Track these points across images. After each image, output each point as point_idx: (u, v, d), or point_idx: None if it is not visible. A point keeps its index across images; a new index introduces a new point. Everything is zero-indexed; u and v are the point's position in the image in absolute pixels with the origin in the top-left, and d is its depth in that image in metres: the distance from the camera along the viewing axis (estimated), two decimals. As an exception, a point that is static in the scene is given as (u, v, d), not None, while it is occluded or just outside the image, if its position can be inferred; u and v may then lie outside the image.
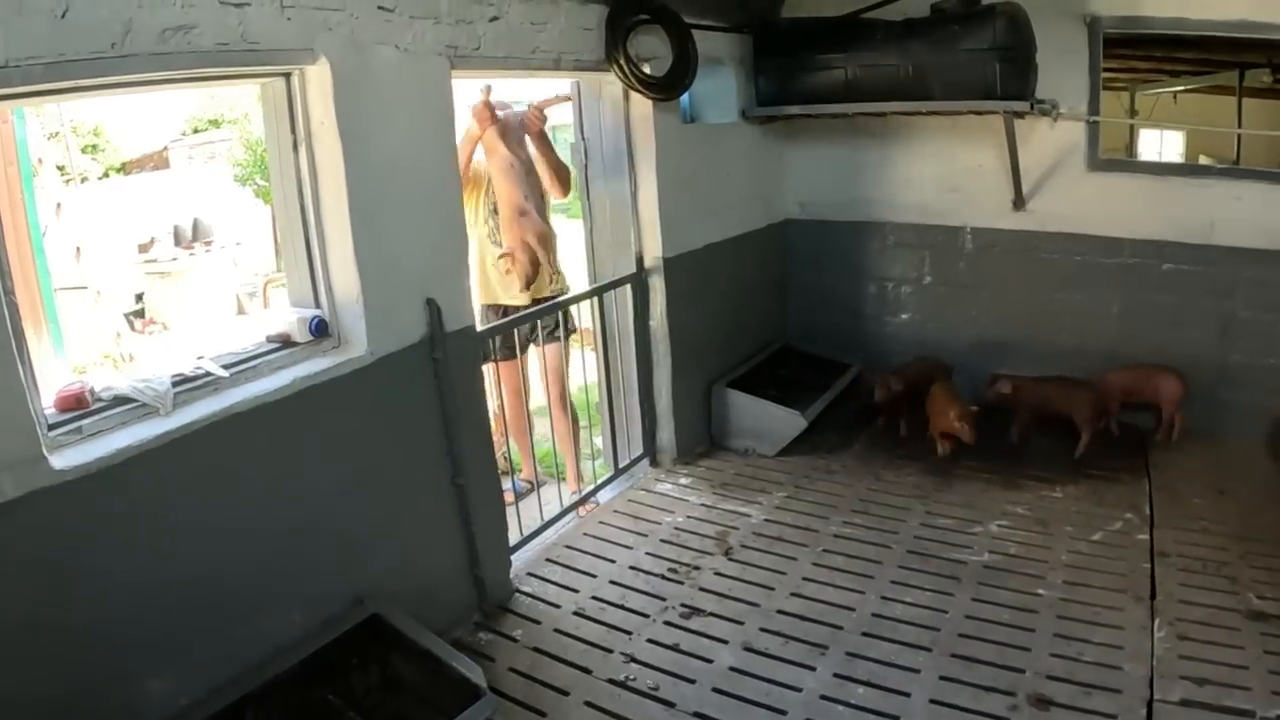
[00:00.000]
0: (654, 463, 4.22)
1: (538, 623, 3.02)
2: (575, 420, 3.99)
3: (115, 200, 12.20)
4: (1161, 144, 9.87)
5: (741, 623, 2.98)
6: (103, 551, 2.01)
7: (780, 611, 3.04)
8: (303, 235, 2.59)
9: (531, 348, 3.92)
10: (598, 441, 4.40)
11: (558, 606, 3.11)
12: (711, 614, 3.03)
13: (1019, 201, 4.53)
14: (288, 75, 2.45)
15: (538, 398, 4.15)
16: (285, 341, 2.56)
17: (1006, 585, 3.15)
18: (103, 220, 10.95)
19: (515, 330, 3.51)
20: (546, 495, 4.03)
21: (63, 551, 1.95)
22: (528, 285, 3.77)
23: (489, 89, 3.63)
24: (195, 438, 2.16)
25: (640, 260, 3.98)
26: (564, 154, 4.05)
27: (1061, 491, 3.86)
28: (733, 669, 2.76)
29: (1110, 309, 4.51)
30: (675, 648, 2.86)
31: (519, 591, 3.20)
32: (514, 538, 3.36)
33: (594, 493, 3.89)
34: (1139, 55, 5.92)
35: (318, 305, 2.62)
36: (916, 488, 3.97)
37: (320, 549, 2.49)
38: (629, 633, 2.95)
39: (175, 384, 2.25)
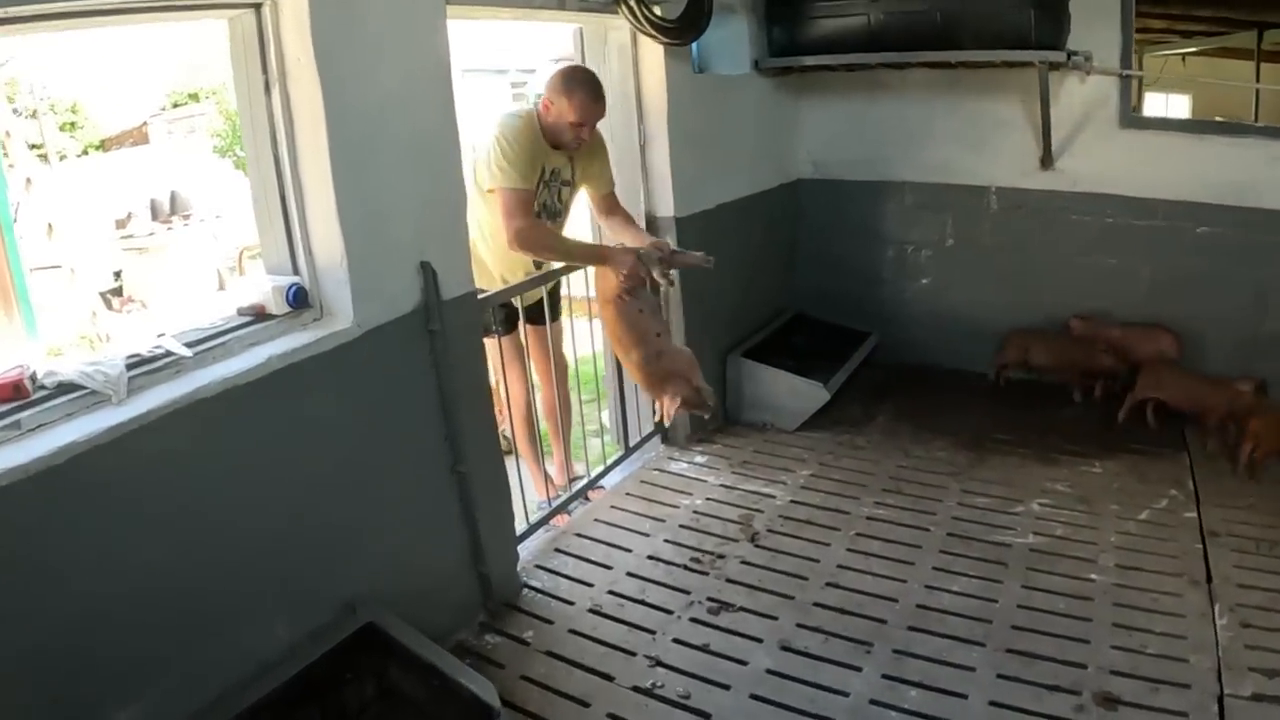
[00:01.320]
0: (666, 440, 3.92)
1: (550, 622, 2.74)
2: (567, 405, 3.66)
3: (93, 177, 11.96)
4: (1167, 106, 9.55)
5: (775, 618, 2.70)
6: (49, 566, 1.70)
7: (817, 604, 2.77)
8: (277, 191, 2.26)
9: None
10: (604, 418, 4.10)
11: (571, 603, 2.83)
12: (742, 609, 2.76)
13: (1047, 160, 4.25)
14: (258, 5, 2.11)
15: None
16: (259, 314, 2.24)
17: (1057, 570, 2.90)
18: (78, 197, 10.66)
19: (520, 300, 3.17)
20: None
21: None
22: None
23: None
24: (153, 429, 1.83)
25: (650, 221, 3.66)
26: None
27: (1100, 466, 3.63)
28: (770, 671, 2.48)
29: (1140, 273, 4.26)
30: (705, 648, 2.59)
31: (527, 586, 2.91)
32: (518, 525, 3.08)
33: (604, 474, 3.59)
34: (1156, 13, 5.60)
35: (296, 272, 2.30)
36: (949, 464, 3.71)
37: (305, 551, 2.18)
38: (652, 632, 2.67)
39: (131, 366, 1.93)
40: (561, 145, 3.04)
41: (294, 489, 2.14)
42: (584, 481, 3.53)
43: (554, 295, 3.48)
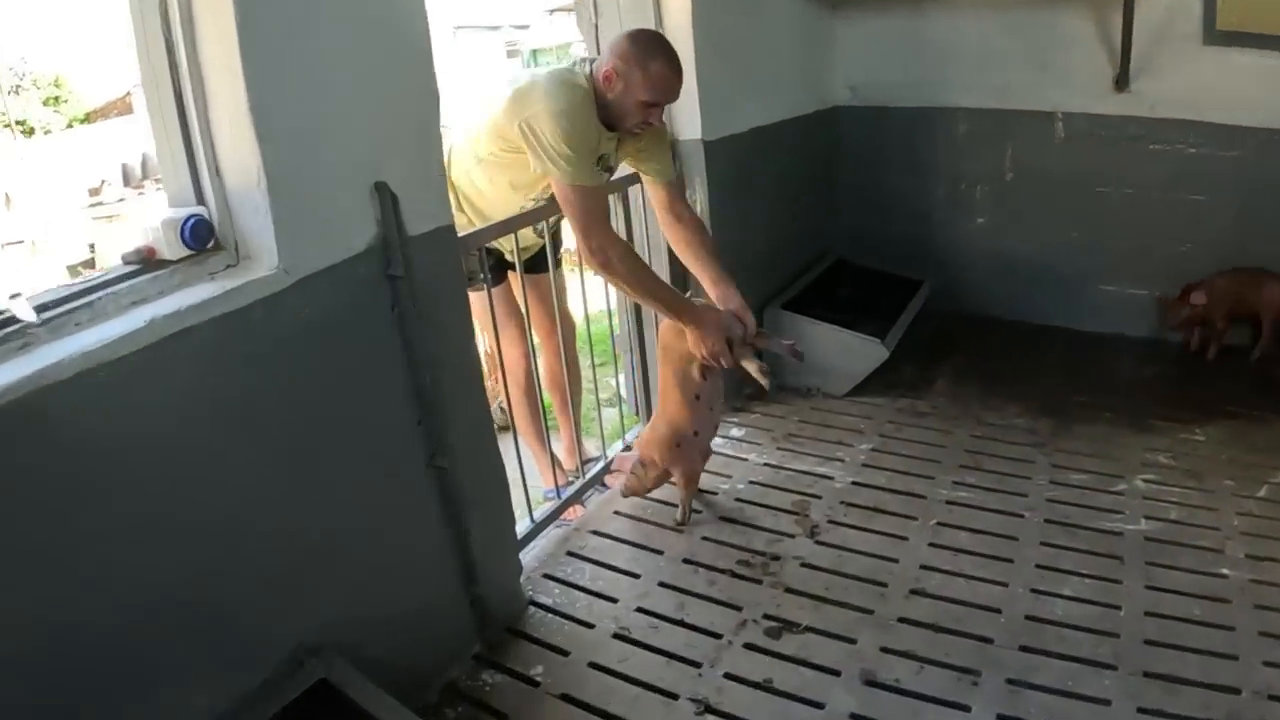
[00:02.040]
0: (694, 410, 3.28)
1: (564, 653, 2.14)
2: (576, 371, 3.04)
3: (75, 150, 11.64)
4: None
5: (853, 640, 2.11)
6: None
7: (903, 619, 2.17)
8: (171, 86, 1.61)
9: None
10: (619, 384, 3.48)
11: (590, 626, 2.22)
12: (809, 629, 2.16)
13: (1122, 80, 3.61)
14: None
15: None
16: (148, 261, 1.60)
17: (1181, 564, 2.34)
18: (52, 170, 10.18)
19: (516, 245, 2.50)
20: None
21: None
22: None
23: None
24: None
25: (673, 144, 3.01)
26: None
27: (1202, 433, 3.06)
28: (855, 717, 1.88)
29: (1227, 210, 3.65)
30: (767, 686, 1.99)
31: (534, 604, 2.31)
32: (520, 527, 2.47)
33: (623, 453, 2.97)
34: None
35: (201, 201, 1.65)
36: (1030, 432, 3.11)
37: (232, 587, 1.57)
38: (697, 665, 2.06)
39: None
40: (620, 128, 2.40)
41: (207, 505, 1.51)
42: (599, 464, 2.91)
43: (555, 240, 2.84)
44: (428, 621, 1.99)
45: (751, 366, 2.44)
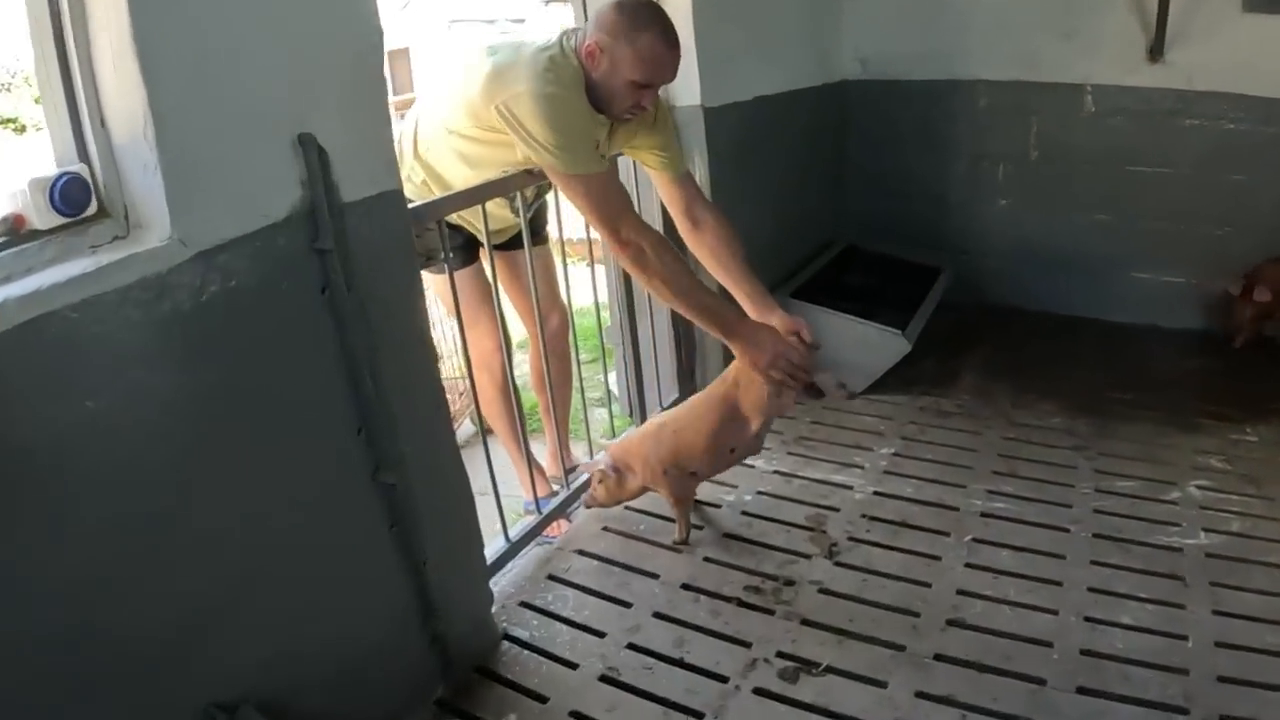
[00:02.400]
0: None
1: (542, 699, 1.81)
2: (565, 369, 2.71)
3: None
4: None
5: (883, 683, 1.78)
6: None
7: (940, 657, 1.84)
8: (49, 20, 1.28)
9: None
10: (610, 381, 3.15)
11: (573, 666, 1.89)
12: (830, 669, 1.83)
13: (1156, 49, 3.31)
14: None
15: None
16: (16, 232, 1.27)
17: (1249, 585, 2.03)
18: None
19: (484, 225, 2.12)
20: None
21: None
22: None
23: None
24: None
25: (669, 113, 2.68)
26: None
27: (1254, 433, 2.78)
28: (889, 782, 1.56)
29: (1270, 190, 3.35)
30: (784, 743, 1.66)
31: (509, 638, 1.99)
32: (494, 547, 2.14)
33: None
34: None
35: (85, 158, 1.32)
36: (1068, 433, 2.80)
37: (117, 638, 1.23)
38: (699, 716, 1.74)
39: None
40: (608, 113, 2.07)
41: (70, 543, 1.18)
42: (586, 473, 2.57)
43: (539, 217, 2.51)
44: (377, 665, 1.66)
45: (828, 381, 2.15)
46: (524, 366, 3.12)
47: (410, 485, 1.62)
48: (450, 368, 3.39)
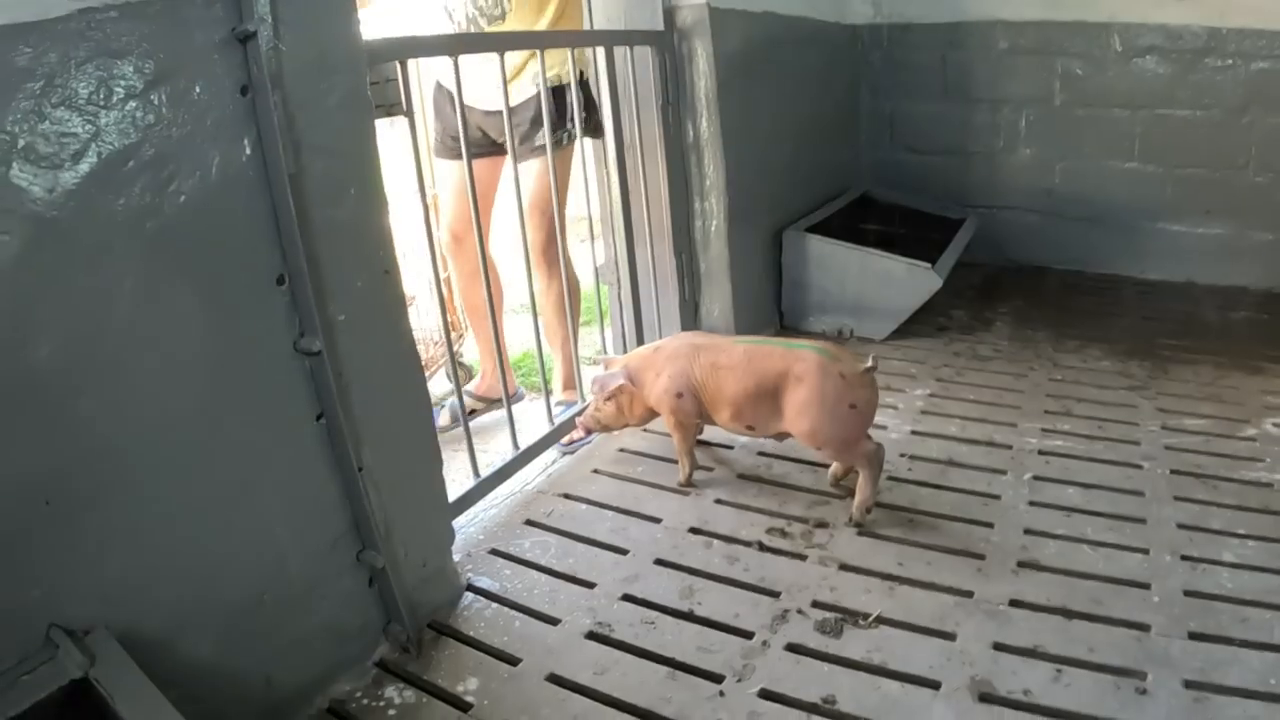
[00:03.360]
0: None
1: (513, 660, 1.41)
2: (574, 288, 2.35)
3: None
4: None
5: (950, 635, 1.40)
6: None
7: (1016, 603, 1.47)
8: None
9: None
10: (605, 339, 2.75)
11: (554, 621, 1.50)
12: (883, 619, 1.44)
13: None
14: None
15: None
16: None
17: (1356, 515, 1.68)
18: None
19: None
20: (525, 416, 2.41)
21: None
22: None
23: None
24: None
25: (671, 13, 2.33)
26: None
27: None
28: (966, 757, 1.18)
29: None
30: (830, 709, 1.27)
31: (473, 589, 1.59)
32: (458, 487, 1.75)
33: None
34: None
35: None
36: (1123, 374, 2.46)
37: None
38: (717, 679, 1.34)
39: None
40: None
41: None
42: (570, 409, 2.20)
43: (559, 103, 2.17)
44: (296, 607, 1.26)
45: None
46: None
47: (342, 361, 1.23)
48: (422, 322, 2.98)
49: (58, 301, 0.93)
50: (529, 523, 1.81)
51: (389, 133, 1.72)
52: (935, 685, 1.29)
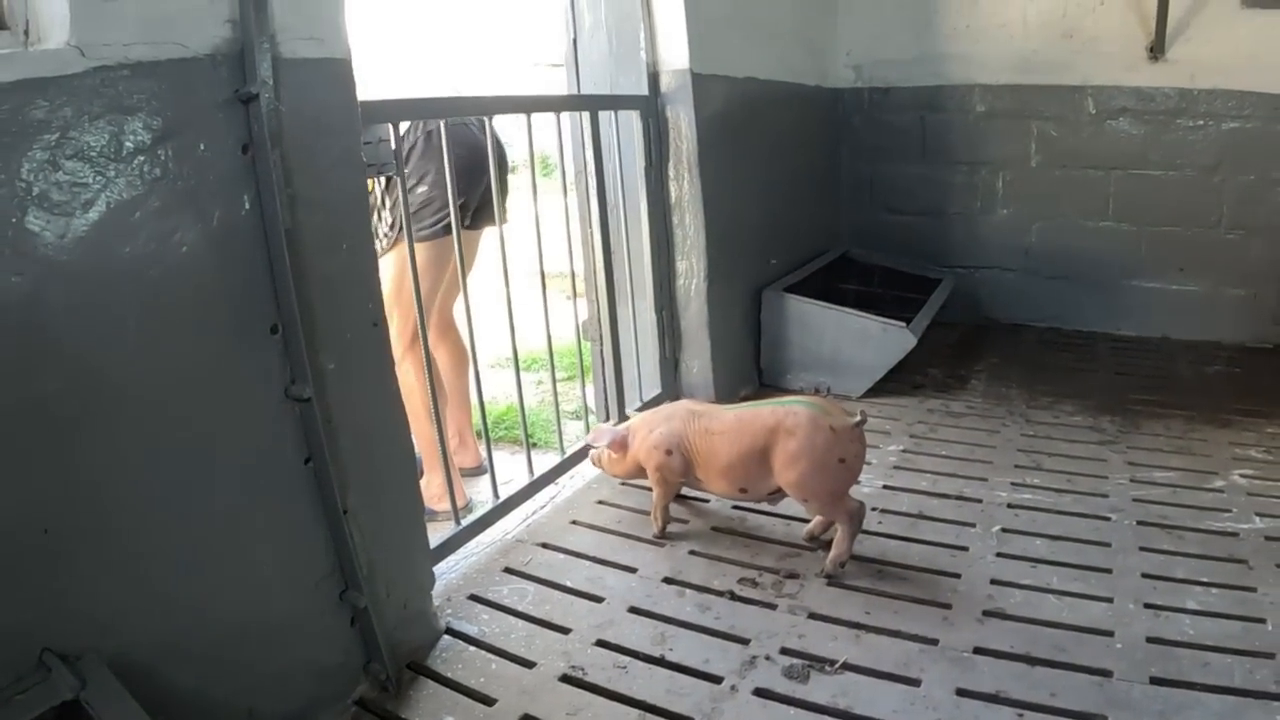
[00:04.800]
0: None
1: (488, 701, 1.45)
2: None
3: None
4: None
5: (915, 681, 1.44)
6: None
7: (980, 650, 1.51)
8: None
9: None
10: (587, 395, 2.82)
11: (530, 665, 1.54)
12: (849, 666, 1.48)
13: (1157, 48, 3.18)
14: None
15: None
16: None
17: (1317, 565, 1.74)
18: None
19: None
20: (506, 468, 2.46)
21: None
22: None
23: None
24: None
25: (655, 78, 2.45)
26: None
27: None
28: (932, 798, 1.21)
29: None
30: (793, 752, 1.31)
31: (451, 633, 1.63)
32: (439, 534, 1.80)
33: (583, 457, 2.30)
34: None
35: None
36: (1094, 429, 2.54)
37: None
38: (687, 720, 1.38)
39: None
40: None
41: None
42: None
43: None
44: (281, 643, 1.30)
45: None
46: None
47: (331, 408, 1.29)
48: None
49: (64, 340, 1.00)
50: (508, 570, 1.85)
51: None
52: (896, 731, 1.33)
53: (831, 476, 1.72)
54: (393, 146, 1.61)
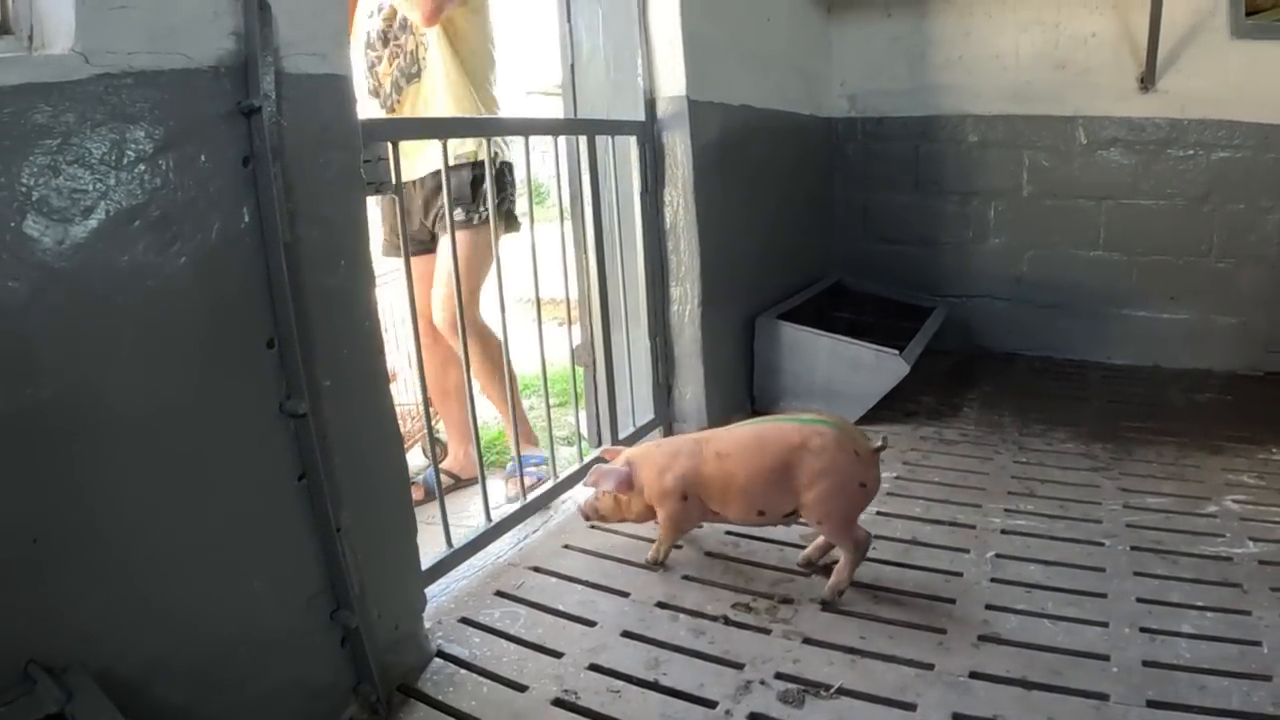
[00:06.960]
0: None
1: (480, 725, 1.42)
2: (512, 376, 2.37)
3: None
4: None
5: (911, 705, 1.43)
6: None
7: (976, 675, 1.50)
8: None
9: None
10: (580, 422, 2.81)
11: (521, 688, 1.52)
12: (844, 691, 1.47)
13: (1148, 79, 3.24)
14: None
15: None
16: None
17: (1310, 588, 1.73)
18: None
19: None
20: (499, 491, 2.45)
21: None
22: None
23: None
24: None
25: (652, 104, 2.47)
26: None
27: None
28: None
29: (1271, 218, 3.23)
30: (789, 778, 1.29)
31: (443, 656, 1.60)
32: (431, 556, 1.78)
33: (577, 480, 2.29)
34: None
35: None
36: (1086, 456, 2.55)
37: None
38: (680, 744, 1.36)
39: None
40: None
41: None
42: (544, 487, 2.23)
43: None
44: (271, 661, 1.28)
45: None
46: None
47: (326, 425, 1.28)
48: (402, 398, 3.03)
49: (60, 347, 0.99)
50: (499, 593, 1.83)
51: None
52: (893, 757, 1.32)
53: (851, 500, 1.71)
54: (392, 166, 1.62)
